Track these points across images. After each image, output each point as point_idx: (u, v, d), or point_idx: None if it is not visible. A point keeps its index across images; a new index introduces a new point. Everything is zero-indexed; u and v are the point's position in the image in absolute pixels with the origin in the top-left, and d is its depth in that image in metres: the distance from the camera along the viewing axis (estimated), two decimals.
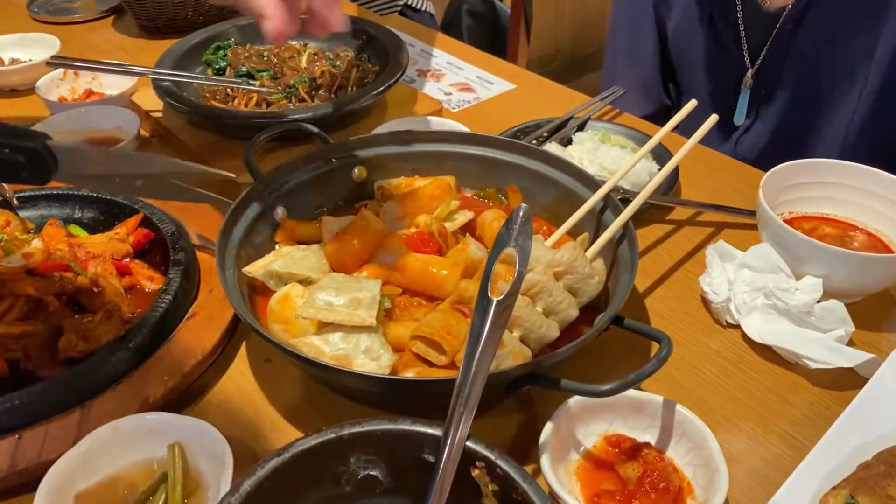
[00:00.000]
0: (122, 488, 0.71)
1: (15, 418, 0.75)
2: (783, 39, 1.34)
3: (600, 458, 0.74)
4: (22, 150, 0.54)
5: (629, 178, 1.13)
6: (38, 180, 0.57)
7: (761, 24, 1.35)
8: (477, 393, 0.60)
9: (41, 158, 0.56)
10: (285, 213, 0.97)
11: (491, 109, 1.44)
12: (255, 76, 1.33)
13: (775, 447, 0.78)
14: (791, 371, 0.86)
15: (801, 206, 1.02)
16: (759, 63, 1.39)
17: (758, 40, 1.38)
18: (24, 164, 0.55)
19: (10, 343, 0.82)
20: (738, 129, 1.47)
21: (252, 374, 0.86)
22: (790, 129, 1.41)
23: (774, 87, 1.40)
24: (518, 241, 0.67)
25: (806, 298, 0.86)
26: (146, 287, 0.93)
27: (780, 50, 1.35)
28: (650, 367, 0.69)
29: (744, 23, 1.38)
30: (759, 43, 1.38)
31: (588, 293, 0.83)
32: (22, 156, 0.55)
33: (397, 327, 0.81)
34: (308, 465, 0.61)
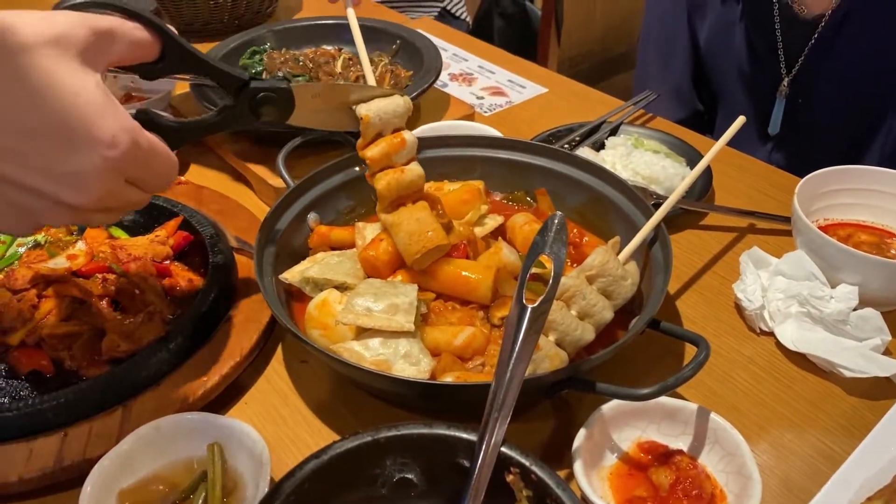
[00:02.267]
0: (163, 486, 0.72)
1: (60, 416, 0.77)
2: (821, 48, 1.32)
3: (633, 464, 0.74)
4: (276, 90, 0.72)
5: (663, 184, 1.13)
6: (284, 117, 0.75)
7: (798, 31, 1.33)
8: (512, 398, 0.61)
9: (288, 94, 0.73)
10: (318, 219, 0.99)
11: (523, 113, 1.44)
12: (290, 81, 1.35)
13: (809, 456, 0.77)
14: (825, 380, 0.86)
15: (836, 213, 1.01)
16: (795, 71, 1.37)
17: (794, 48, 1.36)
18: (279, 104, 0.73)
19: (55, 343, 0.85)
20: (773, 139, 1.45)
21: (288, 375, 0.88)
22: (827, 140, 1.39)
23: (811, 96, 1.38)
24: (553, 248, 0.68)
25: (841, 307, 0.85)
26: (186, 289, 0.95)
27: (818, 58, 1.33)
28: (689, 371, 0.69)
29: (780, 30, 1.36)
30: (795, 51, 1.36)
31: (622, 295, 0.83)
32: (276, 95, 0.73)
33: (433, 332, 0.82)
34: (345, 468, 0.62)
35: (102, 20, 0.59)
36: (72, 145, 0.55)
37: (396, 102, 0.88)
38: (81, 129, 0.55)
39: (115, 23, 0.60)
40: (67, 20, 0.56)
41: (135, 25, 0.63)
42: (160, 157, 0.63)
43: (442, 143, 1.08)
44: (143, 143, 0.60)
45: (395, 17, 1.91)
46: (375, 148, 0.87)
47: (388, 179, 0.87)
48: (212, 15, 1.70)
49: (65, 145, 0.55)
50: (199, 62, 0.69)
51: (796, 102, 1.40)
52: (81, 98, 0.55)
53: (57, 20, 0.56)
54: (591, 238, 1.00)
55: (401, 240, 0.86)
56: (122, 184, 0.61)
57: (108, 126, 0.57)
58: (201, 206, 1.06)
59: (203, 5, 1.67)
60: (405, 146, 0.88)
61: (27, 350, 0.85)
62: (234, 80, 0.72)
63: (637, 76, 1.75)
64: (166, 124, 0.68)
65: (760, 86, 1.43)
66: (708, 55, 1.52)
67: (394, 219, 0.87)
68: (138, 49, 0.64)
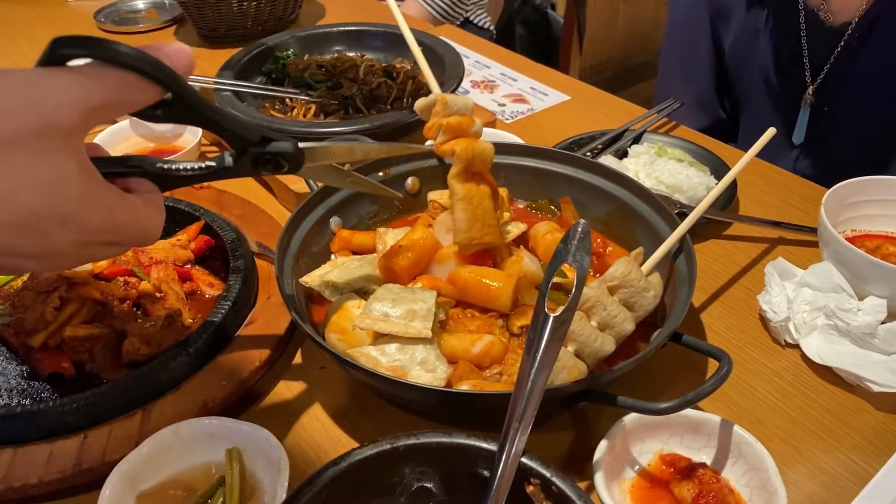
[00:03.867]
0: (181, 491, 0.72)
1: (80, 419, 0.77)
2: (847, 56, 1.30)
3: (655, 476, 0.73)
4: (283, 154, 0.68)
5: (686, 193, 1.11)
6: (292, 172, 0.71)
7: (824, 39, 1.32)
8: (533, 408, 0.60)
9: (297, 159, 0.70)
10: (340, 224, 0.99)
11: (545, 121, 1.43)
12: (313, 87, 1.35)
13: (836, 472, 0.76)
14: (852, 394, 0.84)
15: (864, 224, 1.00)
16: (820, 80, 1.35)
17: (820, 56, 1.34)
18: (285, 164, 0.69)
19: (76, 345, 0.85)
20: (798, 148, 1.43)
21: (307, 380, 0.88)
22: (852, 149, 1.37)
23: (836, 105, 1.36)
24: (576, 256, 0.67)
25: (869, 319, 0.84)
26: (206, 293, 0.96)
27: (844, 66, 1.31)
28: (710, 386, 0.68)
29: (806, 38, 1.34)
30: (821, 59, 1.34)
31: (644, 307, 0.82)
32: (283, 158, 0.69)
33: (451, 339, 0.81)
34: (363, 476, 0.62)
35: (100, 94, 0.51)
36: (42, 237, 0.52)
37: (466, 98, 0.94)
38: (54, 222, 0.51)
39: (114, 93, 0.52)
40: (59, 102, 0.50)
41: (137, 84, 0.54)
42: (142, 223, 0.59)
43: None
44: (124, 216, 0.56)
45: (418, 24, 1.91)
46: (452, 119, 0.90)
47: (465, 143, 0.89)
48: (235, 21, 1.71)
49: (34, 236, 0.51)
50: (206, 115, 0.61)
51: (821, 111, 1.38)
52: (56, 192, 0.51)
53: (46, 103, 0.49)
54: (614, 248, 0.99)
55: (461, 218, 0.89)
56: (96, 248, 0.57)
57: (86, 214, 0.53)
58: (223, 211, 1.06)
59: (227, 11, 1.68)
60: (475, 122, 0.92)
61: (49, 352, 0.85)
62: (242, 139, 0.66)
63: (659, 84, 1.74)
64: (160, 171, 0.62)
65: (785, 94, 1.42)
66: (732, 63, 1.51)
67: (465, 192, 0.89)
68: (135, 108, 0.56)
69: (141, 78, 0.54)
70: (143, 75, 0.53)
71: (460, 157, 0.88)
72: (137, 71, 0.53)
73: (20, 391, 0.83)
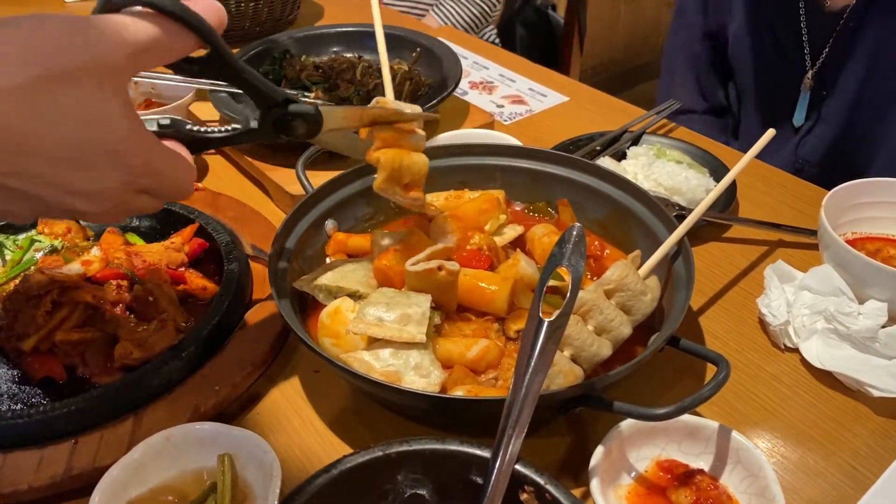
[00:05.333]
0: (173, 497, 0.71)
1: (71, 424, 0.76)
2: (844, 39, 1.31)
3: (652, 483, 0.72)
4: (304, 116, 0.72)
5: (685, 195, 1.10)
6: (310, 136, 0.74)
7: (824, 24, 1.32)
8: (527, 415, 0.59)
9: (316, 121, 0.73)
10: (335, 226, 0.98)
11: (543, 122, 1.43)
12: (309, 88, 1.34)
13: (836, 478, 0.75)
14: (853, 399, 0.83)
15: (864, 227, 0.99)
16: (819, 64, 1.36)
17: (819, 41, 1.35)
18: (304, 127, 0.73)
19: (68, 349, 0.84)
20: (800, 132, 1.44)
21: (300, 385, 0.87)
22: (852, 131, 1.38)
23: (835, 88, 1.36)
24: (571, 260, 0.66)
25: (869, 323, 0.83)
26: (200, 296, 0.95)
27: (842, 50, 1.32)
28: (707, 392, 0.67)
29: (806, 23, 1.35)
30: (820, 44, 1.35)
31: (641, 311, 0.81)
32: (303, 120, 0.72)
33: (446, 343, 0.81)
34: (355, 482, 0.61)
35: (143, 35, 0.55)
36: (92, 170, 0.55)
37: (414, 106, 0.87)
38: (103, 157, 0.55)
39: (156, 37, 0.56)
40: (107, 41, 0.53)
41: (178, 31, 0.58)
42: (178, 174, 0.63)
43: (462, 152, 1.06)
44: (162, 164, 0.60)
45: (415, 24, 1.90)
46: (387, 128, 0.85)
47: (392, 153, 0.83)
48: (233, 21, 1.70)
49: (85, 170, 0.55)
50: (237, 71, 0.65)
51: (821, 94, 1.39)
52: (106, 127, 0.54)
53: (96, 42, 0.53)
54: (612, 251, 0.98)
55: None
56: (135, 195, 0.61)
57: (131, 153, 0.57)
58: (217, 213, 1.05)
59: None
60: (414, 132, 0.86)
61: (40, 356, 0.85)
62: (267, 97, 0.70)
63: (662, 88, 1.74)
64: (190, 133, 0.67)
65: (786, 79, 1.42)
66: (734, 52, 1.52)
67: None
68: (175, 56, 0.60)
69: (181, 26, 0.58)
70: (183, 24, 0.58)
71: (384, 165, 0.83)
72: (179, 19, 0.57)
73: (11, 396, 0.83)
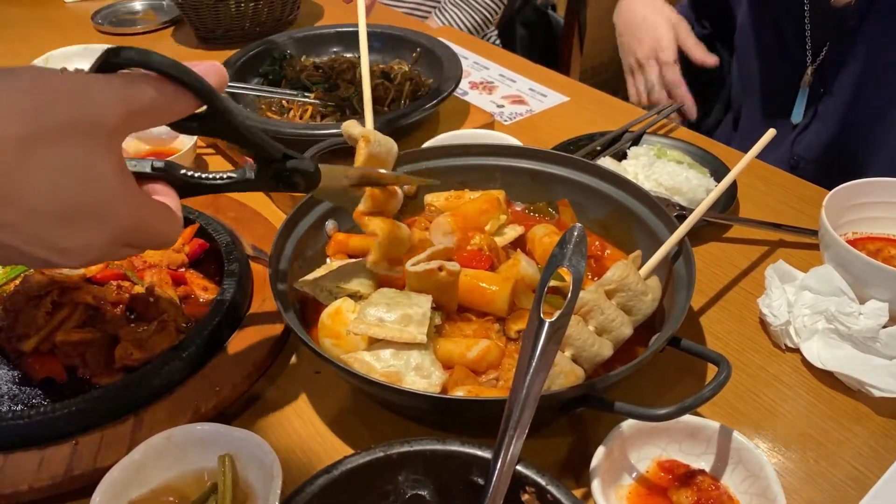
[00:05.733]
0: (173, 497, 0.71)
1: (72, 424, 0.76)
2: (845, 36, 1.29)
3: (653, 483, 0.72)
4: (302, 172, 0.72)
5: (686, 195, 1.10)
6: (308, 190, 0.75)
7: (827, 20, 1.31)
8: (528, 415, 0.59)
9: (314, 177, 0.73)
10: (336, 227, 0.98)
11: (544, 122, 1.42)
12: (310, 88, 1.34)
13: (837, 479, 0.75)
14: (853, 399, 0.83)
15: (865, 227, 0.99)
16: (819, 60, 1.35)
17: (822, 38, 1.33)
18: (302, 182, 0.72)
19: (68, 350, 0.84)
20: (797, 129, 1.43)
21: (301, 385, 0.87)
22: (850, 130, 1.37)
23: (834, 85, 1.35)
24: (572, 261, 0.66)
25: (870, 323, 0.83)
26: (200, 297, 0.95)
27: (842, 47, 1.31)
28: (708, 392, 0.67)
29: (809, 18, 1.33)
30: (822, 40, 1.34)
31: (642, 311, 0.81)
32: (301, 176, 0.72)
33: (447, 343, 0.80)
34: (356, 483, 0.61)
35: (142, 97, 0.55)
36: (77, 228, 0.54)
37: (391, 142, 0.91)
38: (90, 216, 0.54)
39: (154, 99, 0.55)
40: (105, 101, 0.53)
41: (177, 93, 0.57)
42: (164, 228, 0.61)
43: (462, 152, 1.06)
44: (150, 221, 0.59)
45: (417, 25, 1.90)
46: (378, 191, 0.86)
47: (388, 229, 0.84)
48: (233, 22, 1.70)
49: (69, 228, 0.53)
50: (236, 129, 0.64)
51: (819, 92, 1.38)
52: (96, 185, 0.53)
53: (93, 103, 0.52)
54: (613, 251, 0.98)
55: None
56: (116, 250, 0.59)
57: (119, 213, 0.55)
58: (218, 214, 1.05)
59: (224, 12, 1.67)
60: (397, 194, 0.89)
61: (41, 357, 0.85)
62: (267, 154, 0.69)
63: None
64: (183, 179, 0.65)
65: (786, 75, 1.41)
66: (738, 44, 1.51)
67: None
68: (173, 117, 0.59)
69: (180, 88, 0.57)
70: (182, 85, 0.57)
71: (381, 244, 0.84)
72: (178, 81, 0.56)
73: (11, 396, 0.83)
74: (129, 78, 0.55)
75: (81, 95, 0.52)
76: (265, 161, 0.70)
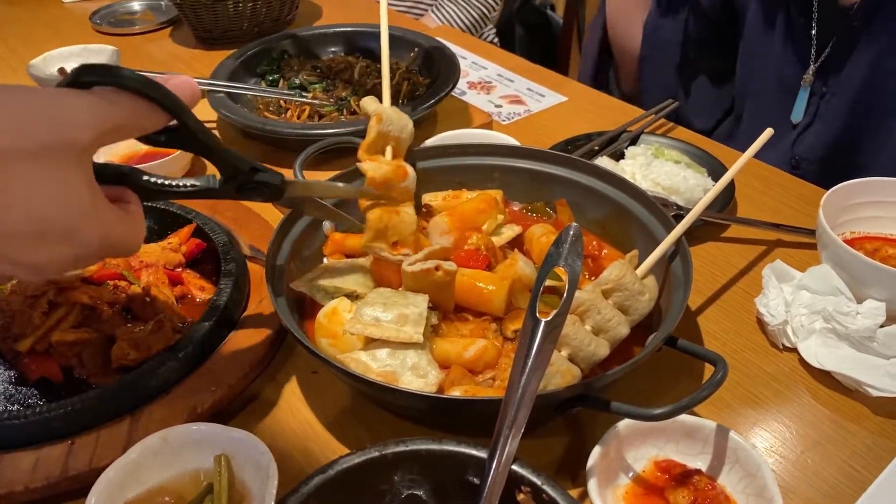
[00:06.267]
0: (169, 498, 0.71)
1: (68, 424, 0.76)
2: (849, 36, 1.29)
3: (650, 483, 0.72)
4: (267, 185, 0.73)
5: (683, 195, 1.10)
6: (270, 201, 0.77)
7: (834, 18, 1.30)
8: (524, 415, 0.59)
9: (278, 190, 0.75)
10: (333, 227, 0.98)
11: (541, 122, 1.42)
12: (307, 88, 1.34)
13: (834, 478, 0.75)
14: (851, 398, 0.83)
15: (863, 226, 0.99)
16: (822, 60, 1.34)
17: (827, 36, 1.33)
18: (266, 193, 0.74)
19: (65, 350, 0.84)
20: (797, 128, 1.42)
21: (298, 385, 0.87)
22: (851, 131, 1.36)
23: (836, 86, 1.35)
24: (568, 260, 0.66)
25: (868, 323, 0.83)
26: (197, 297, 0.94)
27: (846, 47, 1.30)
28: (704, 392, 0.67)
29: (817, 16, 1.32)
30: (827, 39, 1.33)
31: (639, 311, 0.81)
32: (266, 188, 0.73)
33: (444, 343, 0.80)
34: (352, 483, 0.61)
35: (114, 115, 0.55)
36: (44, 246, 0.54)
37: (407, 120, 0.90)
38: (59, 234, 0.54)
39: (124, 117, 0.56)
40: (77, 119, 0.53)
41: (148, 110, 0.58)
42: (131, 241, 0.62)
43: (460, 152, 1.06)
44: (117, 237, 0.59)
45: (413, 24, 1.90)
46: (379, 169, 0.87)
47: (380, 212, 0.86)
48: (231, 22, 1.70)
49: (37, 246, 0.53)
50: (204, 144, 0.65)
51: (820, 91, 1.37)
52: (66, 204, 0.53)
53: (65, 121, 0.52)
54: (610, 251, 0.98)
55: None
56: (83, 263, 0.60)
57: (88, 231, 0.56)
58: (215, 214, 1.05)
59: (222, 12, 1.67)
60: (407, 177, 0.89)
61: (37, 357, 0.84)
62: (234, 167, 0.71)
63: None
64: (146, 185, 0.65)
65: (789, 74, 1.41)
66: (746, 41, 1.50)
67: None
68: (143, 132, 0.60)
69: (152, 105, 0.58)
70: (153, 102, 0.58)
71: (370, 225, 0.85)
72: (149, 98, 0.57)
73: (7, 396, 0.82)
74: (100, 95, 0.55)
75: (54, 114, 0.52)
76: (231, 173, 0.71)
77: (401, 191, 0.89)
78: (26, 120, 0.50)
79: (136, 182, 0.65)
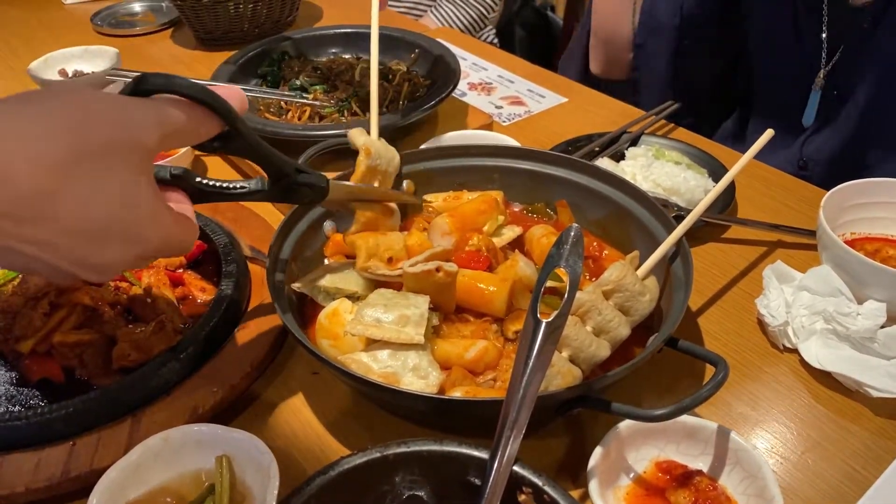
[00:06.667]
0: (171, 498, 0.71)
1: (70, 425, 0.76)
2: (860, 39, 1.28)
3: (651, 484, 0.72)
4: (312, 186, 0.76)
5: (684, 196, 1.10)
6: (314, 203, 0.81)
7: (845, 20, 1.29)
8: (525, 416, 0.59)
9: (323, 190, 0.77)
10: (334, 227, 0.98)
11: (542, 123, 1.42)
12: (308, 89, 1.34)
13: (835, 479, 0.75)
14: (851, 399, 0.83)
15: (863, 227, 0.99)
16: (833, 62, 1.33)
17: (837, 39, 1.32)
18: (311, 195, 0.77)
19: (66, 351, 0.84)
20: (807, 131, 1.42)
21: (299, 386, 0.87)
22: (860, 134, 1.35)
23: (847, 89, 1.34)
24: (569, 261, 0.66)
25: (868, 324, 0.83)
26: (198, 298, 0.95)
27: (856, 50, 1.29)
28: (706, 392, 0.67)
29: (827, 18, 1.31)
30: (838, 42, 1.32)
31: (640, 312, 0.81)
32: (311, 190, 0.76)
33: (445, 344, 0.80)
34: (353, 484, 0.61)
35: (175, 120, 0.57)
36: (108, 247, 0.55)
37: (394, 153, 0.94)
38: (122, 235, 0.55)
39: (185, 123, 0.58)
40: (142, 122, 0.55)
41: (206, 117, 0.60)
42: (186, 242, 0.63)
43: (461, 153, 1.06)
44: (176, 239, 0.61)
45: (413, 25, 1.90)
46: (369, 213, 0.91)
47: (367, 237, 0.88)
48: (232, 23, 1.70)
49: (101, 246, 0.54)
50: (254, 147, 0.67)
51: (831, 94, 1.36)
52: (132, 206, 0.55)
53: (129, 123, 0.54)
54: (611, 251, 0.98)
55: None
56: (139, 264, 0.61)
57: (150, 234, 0.57)
58: (216, 215, 1.05)
59: (223, 14, 1.67)
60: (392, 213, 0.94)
61: (38, 358, 0.85)
62: (280, 169, 0.72)
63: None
64: (198, 186, 0.68)
65: (800, 77, 1.40)
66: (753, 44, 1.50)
67: None
68: (200, 139, 0.62)
69: (208, 112, 0.60)
70: (210, 109, 0.60)
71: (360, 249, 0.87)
72: (206, 105, 0.60)
73: (9, 397, 0.82)
74: (161, 101, 0.57)
75: (119, 117, 0.53)
76: (278, 175, 0.73)
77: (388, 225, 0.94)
78: (94, 120, 0.52)
79: (189, 183, 0.67)
